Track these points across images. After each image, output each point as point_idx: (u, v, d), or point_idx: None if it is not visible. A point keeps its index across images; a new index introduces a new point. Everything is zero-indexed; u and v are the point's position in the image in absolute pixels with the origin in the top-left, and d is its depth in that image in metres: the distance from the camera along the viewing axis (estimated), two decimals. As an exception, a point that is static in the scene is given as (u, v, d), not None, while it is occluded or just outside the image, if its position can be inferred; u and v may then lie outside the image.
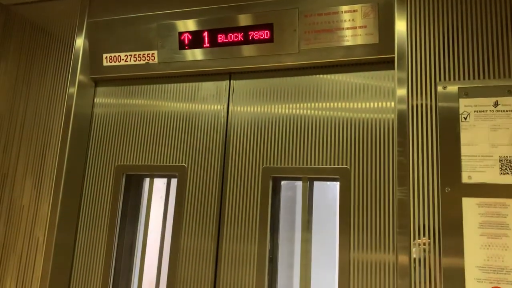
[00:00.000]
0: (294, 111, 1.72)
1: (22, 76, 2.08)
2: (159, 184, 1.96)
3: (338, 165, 1.61)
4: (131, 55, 1.93)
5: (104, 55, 1.98)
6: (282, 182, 1.77)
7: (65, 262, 1.88)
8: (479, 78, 1.41)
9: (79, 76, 1.98)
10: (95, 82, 2.07)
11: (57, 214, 1.85)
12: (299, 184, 1.73)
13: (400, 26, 1.53)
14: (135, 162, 1.92)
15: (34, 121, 2.00)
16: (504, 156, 1.33)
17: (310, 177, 1.68)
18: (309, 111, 1.70)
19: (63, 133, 1.92)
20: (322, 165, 1.64)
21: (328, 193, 1.74)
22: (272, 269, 1.69)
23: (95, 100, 2.05)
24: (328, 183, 1.73)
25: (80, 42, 2.00)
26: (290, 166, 1.68)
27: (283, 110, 1.74)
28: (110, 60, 1.97)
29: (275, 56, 1.72)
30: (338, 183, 1.60)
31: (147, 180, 1.96)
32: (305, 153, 1.67)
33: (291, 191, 1.79)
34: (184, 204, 1.79)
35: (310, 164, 1.66)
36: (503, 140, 1.34)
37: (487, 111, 1.38)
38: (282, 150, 1.71)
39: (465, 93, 1.41)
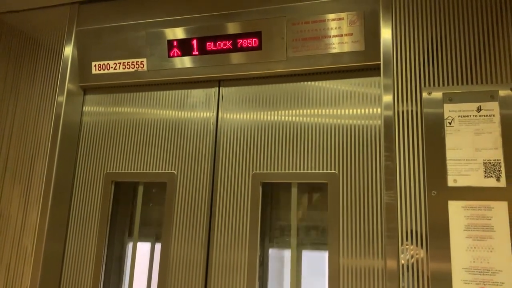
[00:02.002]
0: (283, 117, 1.74)
1: (10, 85, 2.08)
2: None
3: (326, 170, 1.63)
4: (120, 63, 1.94)
5: (93, 63, 1.99)
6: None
7: (54, 272, 1.87)
8: (462, 84, 1.45)
9: (68, 84, 1.97)
10: (84, 90, 2.07)
11: (46, 223, 1.83)
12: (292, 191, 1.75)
13: (386, 33, 1.56)
14: (125, 170, 1.91)
15: (23, 129, 1.99)
16: (488, 160, 1.36)
17: (299, 182, 1.70)
18: (297, 118, 1.72)
19: (52, 141, 1.92)
20: (311, 170, 1.65)
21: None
22: (262, 276, 1.69)
23: (84, 108, 2.05)
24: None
25: (69, 50, 2.01)
26: (279, 172, 1.70)
27: (272, 117, 1.76)
28: (99, 68, 1.98)
29: (263, 63, 1.74)
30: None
31: (138, 187, 1.96)
32: (294, 158, 1.69)
33: (283, 198, 1.79)
34: (174, 211, 1.79)
35: (300, 170, 1.67)
36: (487, 144, 1.38)
37: (470, 116, 1.41)
38: (271, 156, 1.72)
39: (449, 98, 1.44)
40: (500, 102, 1.39)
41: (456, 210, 1.35)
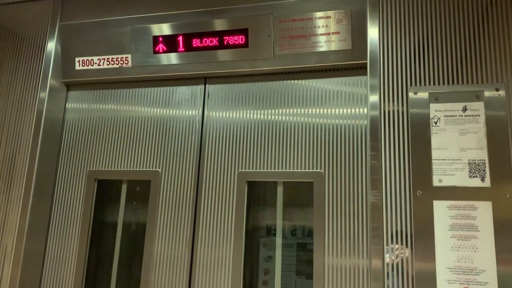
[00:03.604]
0: (269, 116, 1.73)
1: (-9, 80, 2.03)
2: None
3: (312, 169, 1.63)
4: (104, 59, 1.91)
5: (77, 59, 1.95)
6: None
7: (34, 272, 1.83)
8: (448, 84, 1.45)
9: (50, 80, 1.94)
10: (67, 86, 2.03)
11: (27, 222, 1.80)
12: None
13: (372, 32, 1.55)
14: (108, 168, 1.88)
15: (3, 126, 1.95)
16: (472, 160, 1.37)
17: (285, 181, 1.69)
18: (284, 116, 1.71)
19: (34, 138, 1.88)
20: (297, 169, 1.65)
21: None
22: (248, 275, 1.68)
23: (67, 104, 2.02)
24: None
25: (52, 45, 1.97)
26: (265, 170, 1.68)
27: (258, 115, 1.74)
28: (83, 64, 1.94)
29: (250, 61, 1.73)
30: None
31: (121, 186, 1.93)
32: (280, 157, 1.68)
33: (269, 197, 1.78)
34: (158, 209, 1.76)
35: (285, 168, 1.66)
36: (472, 144, 1.38)
37: (456, 115, 1.42)
38: (257, 155, 1.71)
39: (435, 98, 1.44)
40: (485, 102, 1.40)
41: (441, 210, 1.36)
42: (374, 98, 1.50)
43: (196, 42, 1.77)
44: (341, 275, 1.51)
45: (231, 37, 1.73)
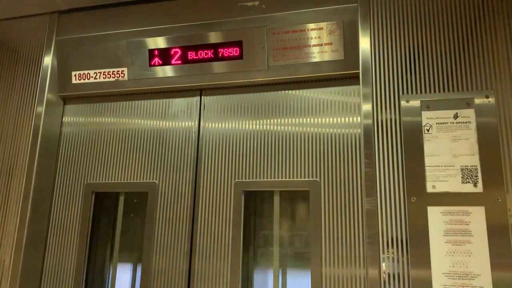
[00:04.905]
0: (264, 126, 1.75)
1: (-12, 95, 2.04)
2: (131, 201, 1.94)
3: (308, 178, 1.64)
4: (100, 73, 1.93)
5: (73, 73, 1.97)
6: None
7: (32, 286, 1.82)
8: (439, 91, 1.48)
9: (47, 94, 1.95)
10: (64, 100, 2.04)
11: (24, 236, 1.79)
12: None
13: (364, 43, 1.58)
14: (105, 180, 1.89)
15: (0, 140, 1.96)
16: (465, 166, 1.39)
17: (282, 190, 1.70)
18: (279, 126, 1.73)
19: (31, 152, 1.88)
20: (293, 178, 1.66)
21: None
22: (246, 285, 1.68)
23: (63, 118, 2.03)
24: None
25: (48, 60, 1.98)
26: (261, 180, 1.70)
27: (254, 126, 1.76)
28: (79, 78, 1.96)
29: (244, 72, 1.75)
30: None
31: (119, 198, 1.93)
32: (276, 167, 1.69)
33: (266, 206, 1.80)
34: (155, 221, 1.77)
35: (281, 178, 1.68)
36: (464, 150, 1.40)
37: (448, 123, 1.44)
38: (253, 165, 1.72)
39: (427, 106, 1.47)
40: (476, 109, 1.43)
41: (435, 216, 1.37)
42: (367, 107, 1.53)
43: (191, 55, 1.79)
44: (339, 283, 1.52)
45: (226, 49, 1.76)
